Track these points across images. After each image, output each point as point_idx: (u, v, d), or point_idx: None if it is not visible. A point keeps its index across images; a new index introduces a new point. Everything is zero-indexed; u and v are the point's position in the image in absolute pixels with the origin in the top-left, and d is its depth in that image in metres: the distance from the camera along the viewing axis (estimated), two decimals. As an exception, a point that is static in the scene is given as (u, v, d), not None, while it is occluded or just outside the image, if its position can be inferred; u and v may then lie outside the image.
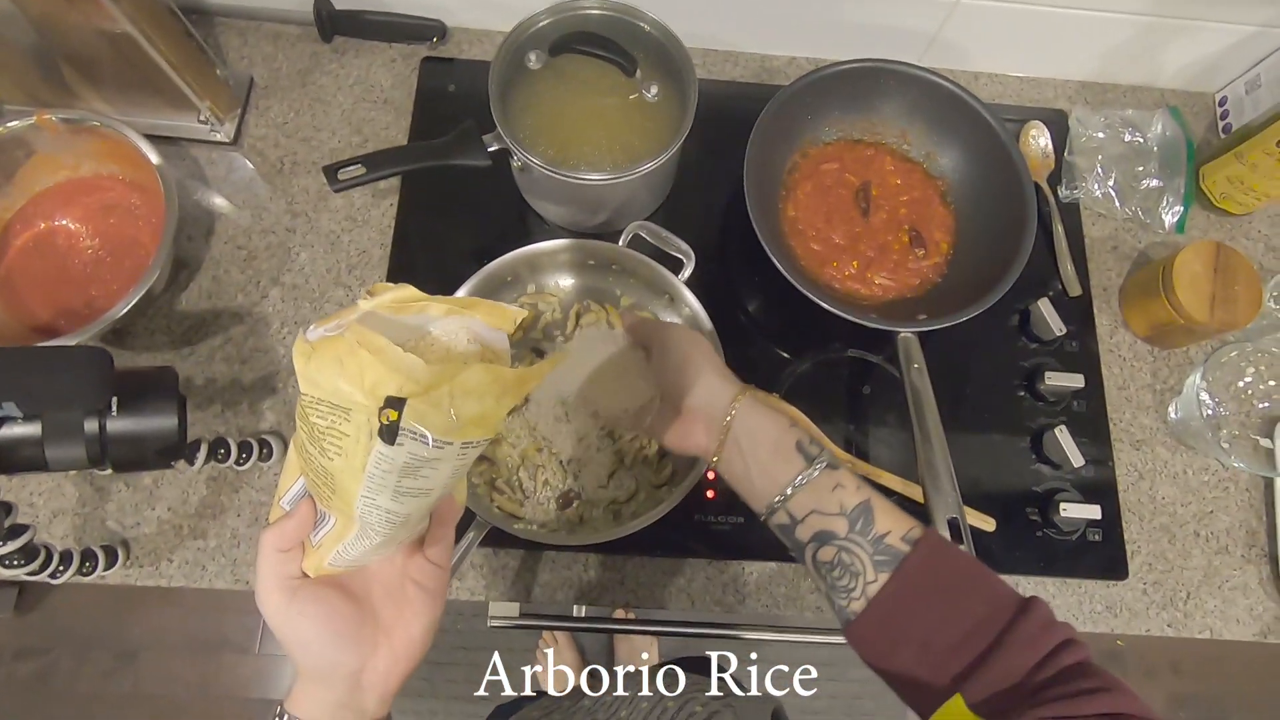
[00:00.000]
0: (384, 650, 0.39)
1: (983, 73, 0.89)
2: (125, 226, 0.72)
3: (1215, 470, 0.76)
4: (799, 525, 0.44)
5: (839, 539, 0.43)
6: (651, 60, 0.70)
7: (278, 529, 0.38)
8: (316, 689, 0.38)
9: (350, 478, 0.35)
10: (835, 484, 0.44)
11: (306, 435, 0.36)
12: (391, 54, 0.83)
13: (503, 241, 0.69)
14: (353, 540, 0.38)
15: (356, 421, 0.34)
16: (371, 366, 0.33)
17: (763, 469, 0.45)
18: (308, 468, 0.38)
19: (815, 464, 0.45)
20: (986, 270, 0.71)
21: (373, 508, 0.36)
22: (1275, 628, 0.72)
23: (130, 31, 0.66)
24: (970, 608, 0.40)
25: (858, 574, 0.42)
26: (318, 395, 0.35)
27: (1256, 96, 0.84)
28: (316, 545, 0.39)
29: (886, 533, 0.42)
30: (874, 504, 0.43)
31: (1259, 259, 0.83)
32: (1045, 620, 0.39)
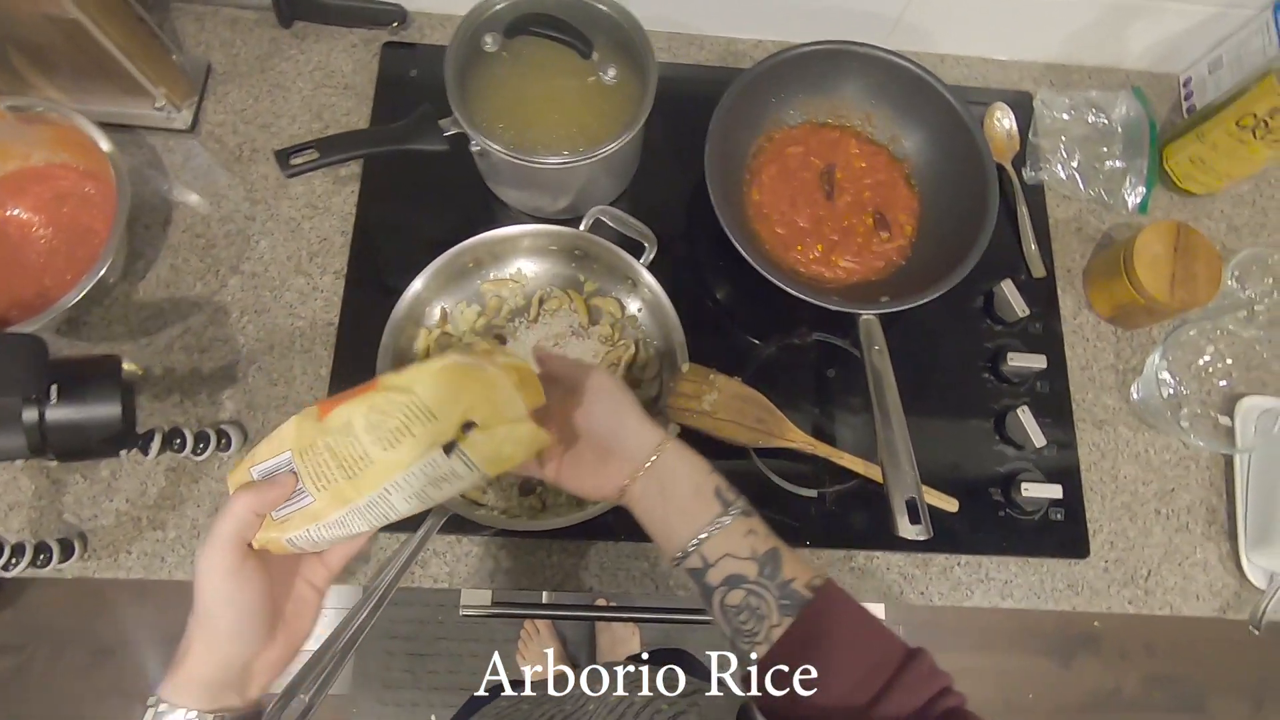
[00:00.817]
0: (280, 638, 0.41)
1: (948, 55, 0.89)
2: (79, 215, 0.71)
3: (1177, 449, 0.76)
4: (711, 569, 0.45)
5: (748, 582, 0.44)
6: (610, 43, 0.69)
7: (260, 493, 0.40)
8: (209, 669, 0.38)
9: (389, 470, 0.40)
10: (748, 529, 0.46)
11: (367, 422, 0.41)
12: (352, 39, 0.82)
13: (465, 228, 0.68)
14: (330, 524, 0.41)
15: (432, 429, 0.40)
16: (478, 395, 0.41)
17: (682, 511, 0.46)
18: (330, 448, 0.41)
19: (731, 510, 0.46)
20: (950, 253, 0.71)
21: (384, 500, 0.40)
22: (1234, 604, 0.73)
23: (79, 17, 0.65)
24: (865, 652, 0.42)
25: (763, 617, 0.43)
26: (425, 399, 0.40)
27: (1219, 76, 0.84)
28: (279, 520, 0.41)
29: (792, 579, 0.44)
30: (782, 551, 0.45)
31: (1221, 239, 0.84)
32: (930, 667, 0.41)
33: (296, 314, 0.73)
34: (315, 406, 0.43)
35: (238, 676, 0.39)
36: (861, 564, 0.71)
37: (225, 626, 0.39)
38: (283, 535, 0.41)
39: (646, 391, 0.71)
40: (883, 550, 0.71)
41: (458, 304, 0.72)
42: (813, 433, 0.73)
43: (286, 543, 0.41)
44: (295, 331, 0.72)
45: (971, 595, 0.71)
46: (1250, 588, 0.72)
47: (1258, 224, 0.85)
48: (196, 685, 0.38)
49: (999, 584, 0.71)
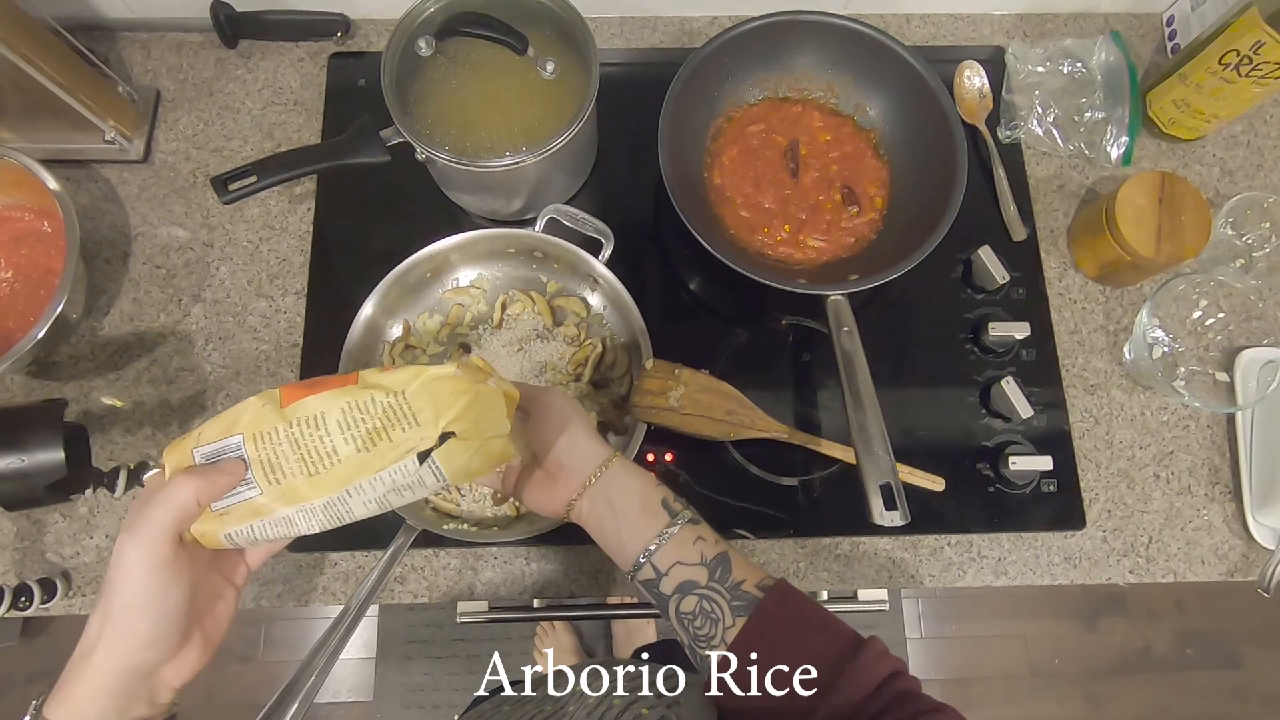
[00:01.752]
0: (196, 642, 0.38)
1: (914, 14, 0.85)
2: (38, 256, 0.71)
3: (1174, 409, 0.73)
4: (664, 578, 0.46)
5: (700, 588, 0.45)
6: (549, 35, 0.67)
7: (208, 480, 0.37)
8: (114, 681, 0.34)
9: (356, 471, 0.38)
10: (696, 537, 0.46)
11: (343, 418, 0.38)
12: (299, 53, 0.81)
13: (423, 236, 0.67)
14: (276, 521, 0.39)
15: (412, 435, 0.39)
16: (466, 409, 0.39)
17: (631, 524, 0.47)
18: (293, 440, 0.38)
19: (678, 519, 0.46)
20: (923, 223, 0.69)
21: (343, 502, 0.39)
22: (1242, 566, 0.70)
23: (12, 58, 0.64)
24: (816, 645, 0.42)
25: (717, 620, 0.44)
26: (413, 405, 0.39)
27: (1203, 12, 0.79)
28: (220, 512, 0.39)
29: (742, 580, 0.45)
30: (730, 555, 0.46)
31: (1214, 184, 0.80)
32: (879, 653, 0.41)
33: (260, 337, 0.72)
34: (278, 391, 0.40)
35: (146, 685, 0.36)
36: (848, 550, 0.69)
37: (144, 631, 0.35)
38: (221, 529, 0.38)
39: (616, 390, 0.70)
40: (869, 535, 0.69)
41: (419, 315, 0.71)
42: (791, 419, 0.71)
43: (224, 538, 0.39)
44: (260, 355, 0.72)
45: (964, 575, 0.69)
46: (1258, 548, 0.69)
47: (1253, 165, 0.80)
48: (99, 699, 0.34)
49: (991, 562, 0.69)
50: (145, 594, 0.35)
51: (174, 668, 0.37)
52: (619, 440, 0.67)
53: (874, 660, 0.41)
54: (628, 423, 0.68)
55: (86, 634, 0.36)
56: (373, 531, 0.67)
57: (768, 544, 0.69)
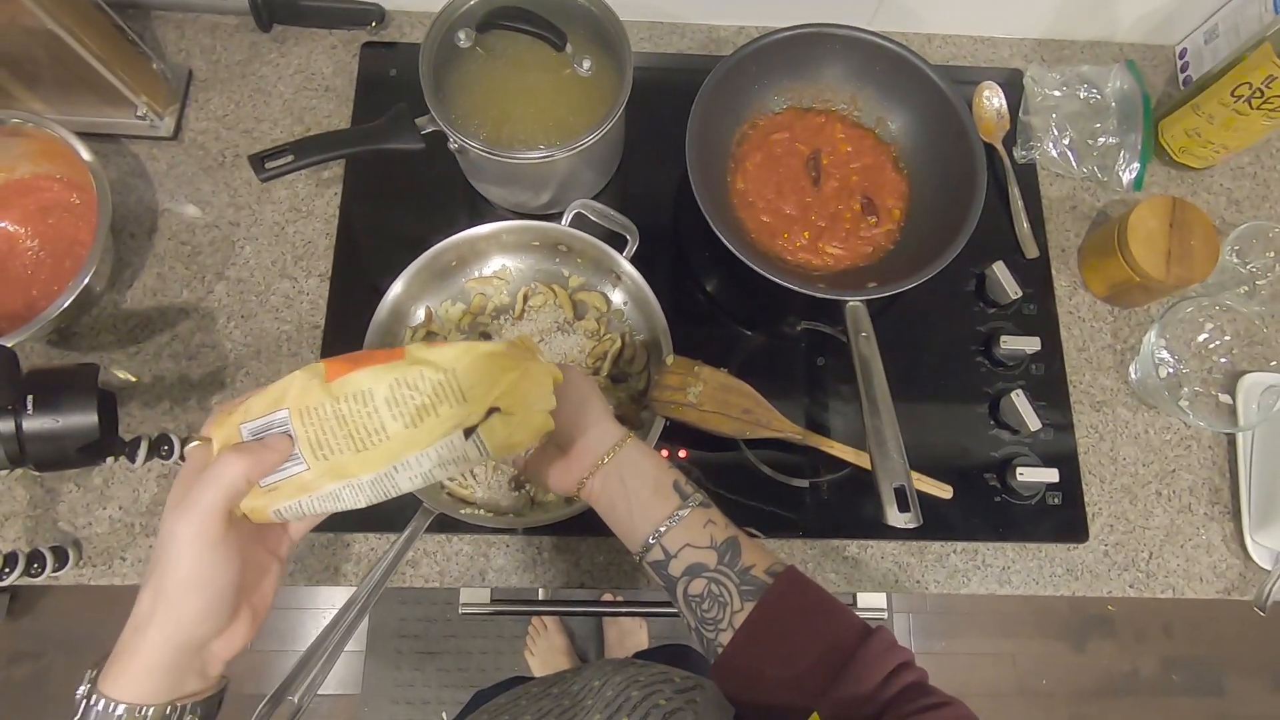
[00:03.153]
0: (244, 615, 0.39)
1: (936, 34, 0.87)
2: (65, 227, 0.71)
3: (1177, 429, 0.75)
4: (673, 560, 0.46)
5: (709, 571, 0.45)
6: (585, 34, 0.68)
7: (257, 457, 0.36)
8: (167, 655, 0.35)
9: (405, 447, 0.38)
10: (707, 520, 0.46)
11: (390, 395, 0.38)
12: (332, 41, 0.82)
13: (449, 225, 0.68)
14: (323, 496, 0.39)
15: (459, 412, 0.39)
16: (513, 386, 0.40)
17: (643, 505, 0.47)
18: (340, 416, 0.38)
19: (689, 501, 0.47)
20: (940, 236, 0.70)
21: (390, 477, 0.39)
22: (1239, 585, 0.71)
23: (55, 30, 0.65)
24: (825, 633, 0.42)
25: (725, 604, 0.44)
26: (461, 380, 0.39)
27: (1215, 46, 0.82)
28: (268, 488, 0.39)
29: (752, 565, 0.45)
30: (740, 540, 0.46)
31: (1220, 213, 0.82)
32: (888, 643, 0.41)
33: (283, 318, 0.73)
34: (322, 365, 0.40)
35: (199, 659, 0.36)
36: (855, 553, 0.70)
37: (196, 606, 0.35)
38: (270, 505, 0.38)
39: (634, 385, 0.71)
40: (877, 539, 0.70)
41: (442, 303, 0.71)
42: (804, 422, 0.72)
43: (272, 513, 0.39)
44: (282, 335, 0.72)
45: (968, 582, 0.70)
46: (1255, 568, 0.71)
47: (1259, 196, 0.83)
48: (155, 674, 0.34)
49: (996, 570, 0.70)
50: (198, 572, 0.35)
51: (224, 641, 0.38)
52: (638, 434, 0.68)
53: (883, 650, 0.41)
54: (644, 417, 0.69)
55: (138, 609, 0.36)
56: (387, 515, 0.67)
57: (777, 543, 0.70)
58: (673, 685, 0.52)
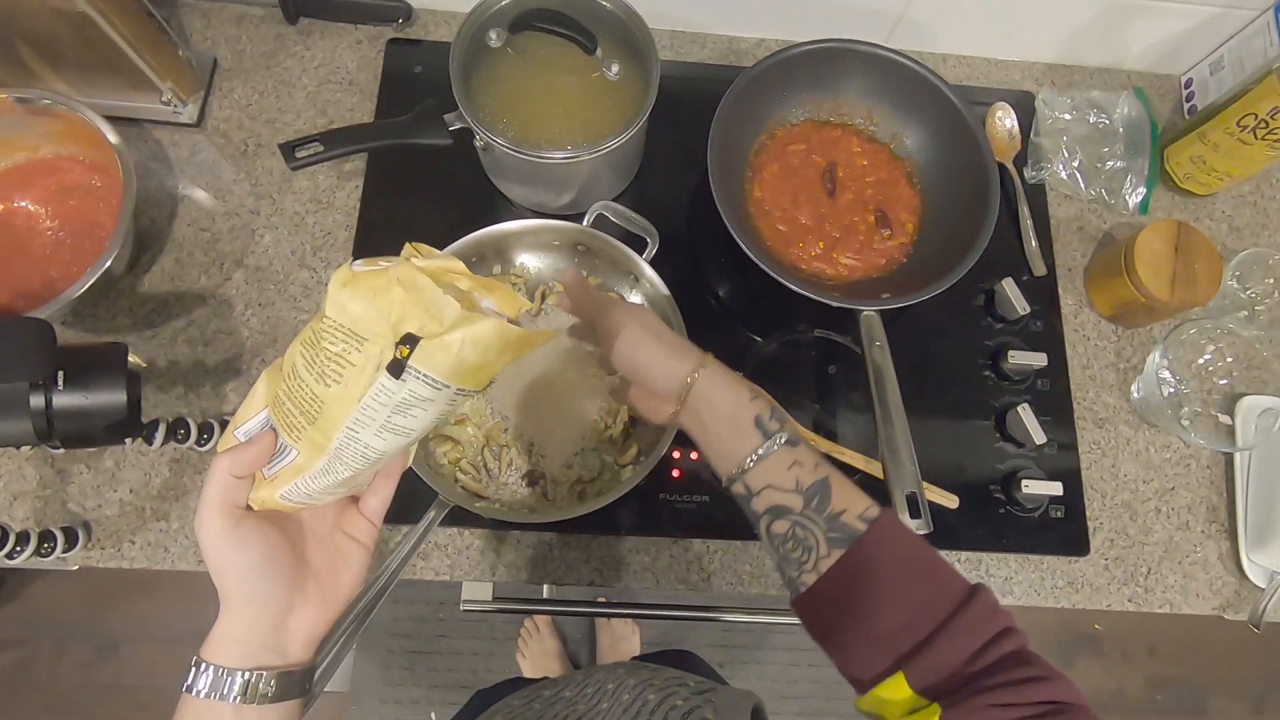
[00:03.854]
0: (313, 595, 0.40)
1: (950, 54, 0.89)
2: (85, 208, 0.71)
3: (1177, 447, 0.77)
4: (754, 498, 0.45)
5: (794, 514, 0.43)
6: (613, 39, 0.70)
7: (234, 454, 0.38)
8: (239, 630, 0.38)
9: (342, 406, 0.37)
10: (793, 461, 0.44)
11: (306, 361, 0.37)
12: (357, 36, 0.83)
13: (468, 223, 0.68)
14: (316, 474, 0.39)
15: (368, 352, 0.36)
16: (402, 304, 0.36)
17: (720, 443, 0.46)
18: (289, 397, 0.38)
19: (773, 439, 0.45)
20: (951, 250, 0.72)
21: (354, 440, 0.37)
22: (1234, 602, 0.73)
23: (87, 10, 0.65)
24: (920, 590, 0.40)
25: (810, 548, 0.42)
26: (341, 321, 0.36)
27: (1220, 78, 0.84)
28: (270, 478, 0.40)
29: (843, 510, 0.42)
30: (831, 482, 0.44)
31: (1222, 239, 0.84)
32: (991, 607, 0.39)
33: (300, 307, 0.73)
34: (282, 358, 0.40)
35: (271, 637, 0.38)
36: (861, 560, 0.71)
37: (234, 591, 0.38)
38: (275, 493, 0.39)
39: (648, 386, 0.71)
40: (883, 546, 0.71)
41: (460, 298, 0.72)
42: (814, 429, 0.73)
43: (280, 500, 0.40)
44: (299, 325, 0.73)
45: (971, 592, 0.71)
46: (1250, 586, 0.72)
47: (1259, 224, 0.85)
48: (232, 644, 0.38)
49: (999, 581, 0.71)
50: (219, 559, 0.38)
51: (296, 620, 0.39)
52: (651, 433, 0.69)
53: (985, 615, 0.38)
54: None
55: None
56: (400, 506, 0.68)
57: (784, 548, 0.71)
58: (688, 688, 0.52)
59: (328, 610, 0.41)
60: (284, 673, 0.38)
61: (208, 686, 0.37)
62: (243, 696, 0.37)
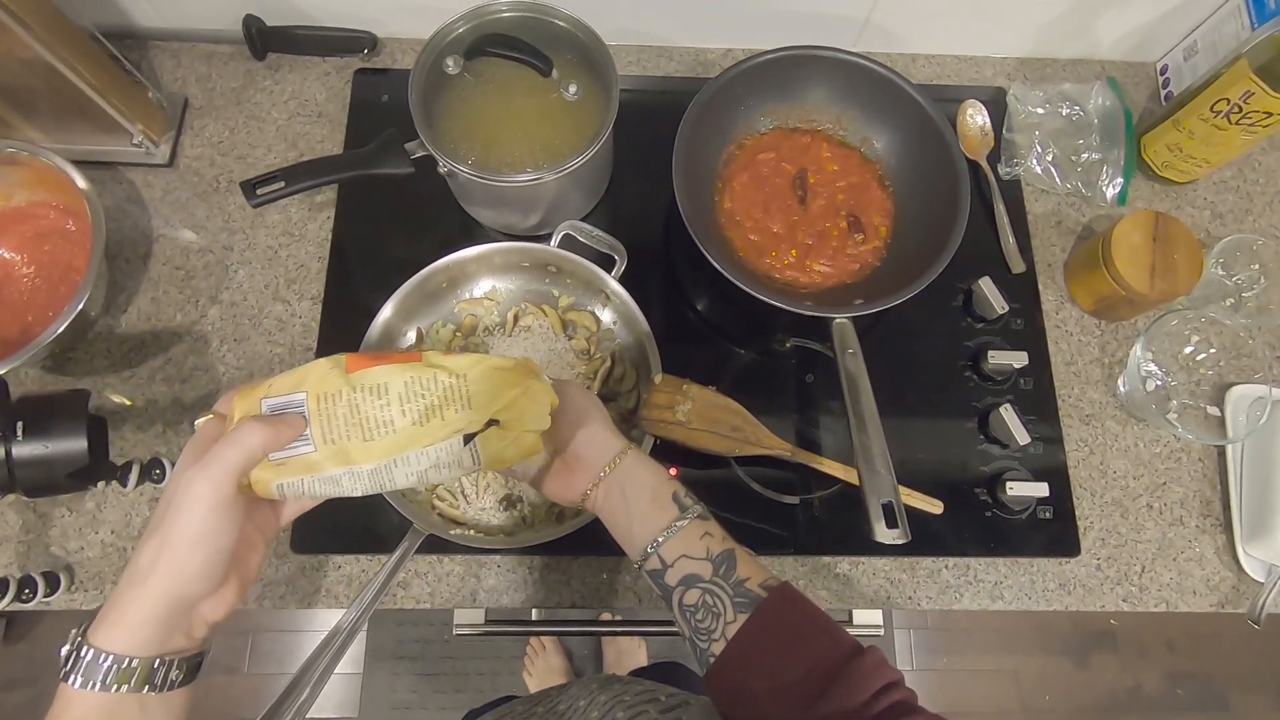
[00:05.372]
0: (232, 582, 0.40)
1: (920, 54, 0.88)
2: (60, 253, 0.72)
3: (1167, 441, 0.75)
4: (669, 569, 0.47)
5: (704, 582, 0.46)
6: (571, 59, 0.70)
7: (275, 430, 0.39)
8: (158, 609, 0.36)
9: (407, 442, 0.41)
10: (704, 532, 0.47)
11: (403, 391, 0.41)
12: (325, 68, 0.84)
13: (439, 248, 0.69)
14: (322, 480, 0.41)
15: (461, 417, 0.42)
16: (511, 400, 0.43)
17: (642, 516, 0.48)
18: (353, 406, 0.41)
19: (687, 513, 0.48)
20: (926, 252, 0.71)
21: (387, 470, 0.41)
22: (1233, 597, 0.71)
23: (51, 60, 0.66)
24: (815, 648, 0.43)
25: (719, 614, 0.45)
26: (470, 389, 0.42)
27: (1195, 63, 0.83)
28: (277, 463, 0.40)
29: (747, 578, 0.45)
30: (737, 552, 0.47)
31: (1205, 226, 0.83)
32: (877, 662, 0.42)
33: (275, 340, 0.73)
34: (344, 357, 0.43)
35: (185, 620, 0.37)
36: (847, 570, 0.70)
37: (197, 563, 0.36)
38: (275, 479, 0.40)
39: (624, 403, 0.71)
40: (868, 555, 0.70)
41: (433, 324, 0.72)
42: (794, 439, 0.72)
43: (275, 487, 0.40)
44: (274, 358, 0.73)
45: (960, 598, 0.70)
46: (1248, 580, 0.71)
47: (1242, 210, 0.84)
48: (146, 627, 0.36)
49: (988, 586, 0.70)
50: (204, 527, 0.37)
51: (212, 603, 0.39)
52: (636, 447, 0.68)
53: (872, 668, 0.41)
54: (635, 436, 0.69)
55: (137, 563, 0.37)
56: (377, 535, 0.68)
57: (768, 560, 0.70)
58: (658, 704, 0.52)
59: (238, 596, 0.41)
60: (191, 655, 0.38)
61: (105, 677, 0.35)
62: (148, 684, 0.36)
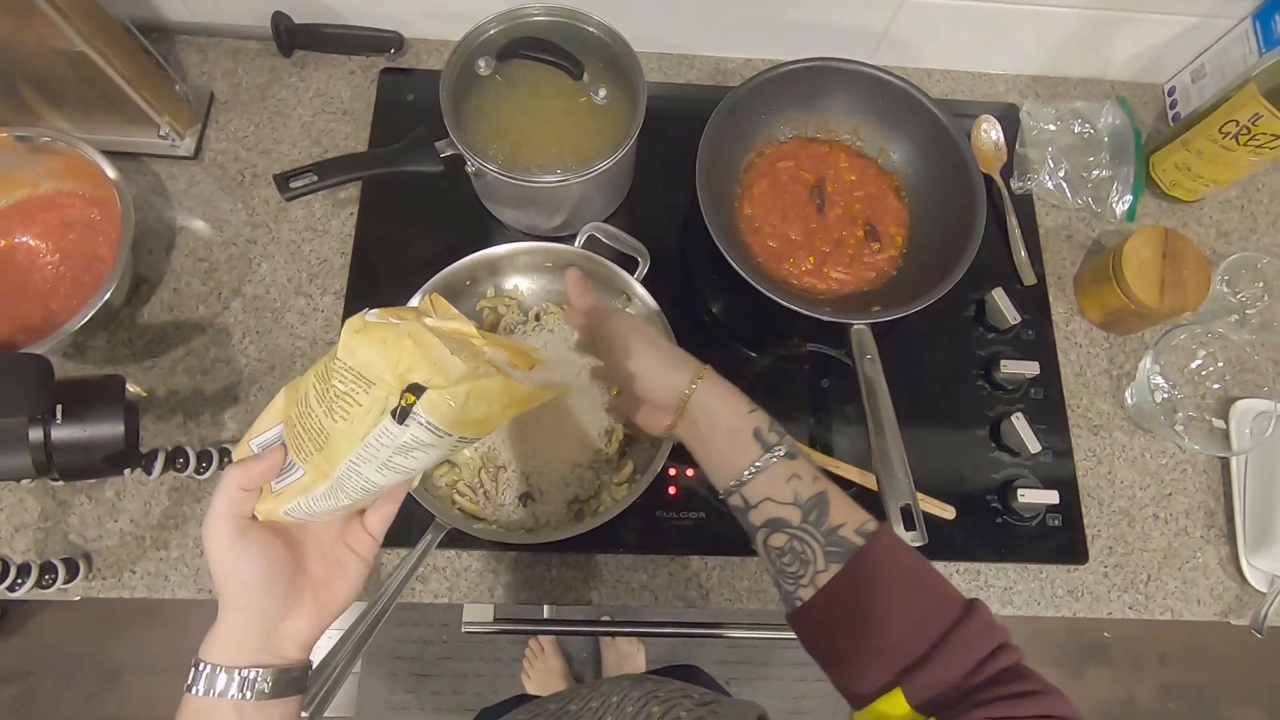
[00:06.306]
0: (309, 603, 0.41)
1: (935, 69, 0.90)
2: (85, 242, 0.72)
3: (1173, 453, 0.77)
4: (752, 510, 0.45)
5: (791, 527, 0.43)
6: (600, 63, 0.71)
7: (244, 468, 0.40)
8: (236, 633, 0.39)
9: (347, 442, 0.38)
10: (791, 474, 0.44)
11: (317, 394, 0.39)
12: (351, 66, 0.85)
13: (462, 247, 0.69)
14: (319, 496, 0.40)
15: (374, 396, 0.38)
16: (410, 355, 0.38)
17: (720, 453, 0.46)
18: (300, 422, 0.40)
19: (772, 452, 0.45)
20: (940, 262, 0.72)
21: (354, 474, 0.39)
22: (1236, 608, 0.72)
23: (85, 50, 0.67)
24: (917, 605, 0.40)
25: (808, 562, 0.42)
26: (351, 364, 0.38)
27: (1202, 85, 0.85)
28: (277, 492, 0.41)
29: (841, 524, 0.43)
30: (830, 496, 0.44)
31: (1210, 244, 0.85)
32: (987, 622, 0.39)
33: (297, 334, 0.74)
34: (299, 378, 0.42)
35: (266, 640, 0.40)
36: (860, 573, 0.71)
37: (232, 595, 0.39)
38: (279, 507, 0.41)
39: (642, 404, 0.72)
40: (881, 559, 0.71)
41: (455, 321, 0.73)
42: (810, 442, 0.74)
43: (283, 514, 0.41)
44: (296, 351, 0.73)
45: (971, 603, 0.71)
46: (1251, 591, 0.72)
47: (1247, 229, 0.86)
48: (228, 645, 0.39)
49: (999, 591, 0.71)
50: (222, 566, 0.39)
51: (291, 625, 0.40)
52: (646, 450, 0.69)
53: (982, 630, 0.39)
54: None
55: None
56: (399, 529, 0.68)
57: (782, 563, 0.71)
58: (692, 699, 0.52)
59: (322, 618, 0.42)
60: (280, 669, 0.39)
61: (206, 684, 0.38)
62: (239, 692, 0.38)
